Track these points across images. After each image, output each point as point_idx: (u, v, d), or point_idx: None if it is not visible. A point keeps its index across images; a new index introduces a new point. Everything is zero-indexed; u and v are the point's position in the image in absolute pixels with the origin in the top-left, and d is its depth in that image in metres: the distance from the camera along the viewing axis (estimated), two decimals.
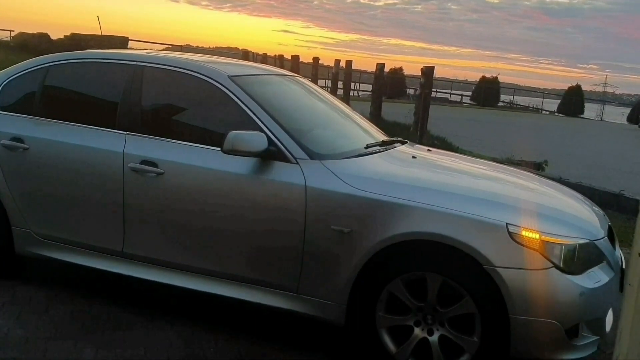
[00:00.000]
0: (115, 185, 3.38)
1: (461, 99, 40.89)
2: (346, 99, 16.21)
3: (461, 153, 7.65)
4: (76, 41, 25.79)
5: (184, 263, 3.30)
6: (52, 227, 3.63)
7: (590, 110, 39.93)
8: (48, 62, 3.83)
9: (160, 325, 3.34)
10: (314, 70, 20.62)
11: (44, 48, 22.68)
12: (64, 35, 28.25)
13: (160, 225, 3.33)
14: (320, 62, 21.47)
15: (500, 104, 39.92)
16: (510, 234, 2.73)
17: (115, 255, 3.47)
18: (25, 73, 3.85)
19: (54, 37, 28.24)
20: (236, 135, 3.03)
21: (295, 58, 21.61)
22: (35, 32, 28.73)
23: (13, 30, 31.14)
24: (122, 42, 28.11)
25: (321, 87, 5.69)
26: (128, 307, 3.54)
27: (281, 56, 26.67)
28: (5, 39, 29.82)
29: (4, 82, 3.87)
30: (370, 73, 21.81)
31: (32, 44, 26.70)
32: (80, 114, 3.63)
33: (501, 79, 41.83)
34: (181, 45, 35.67)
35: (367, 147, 3.52)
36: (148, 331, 3.26)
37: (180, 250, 3.31)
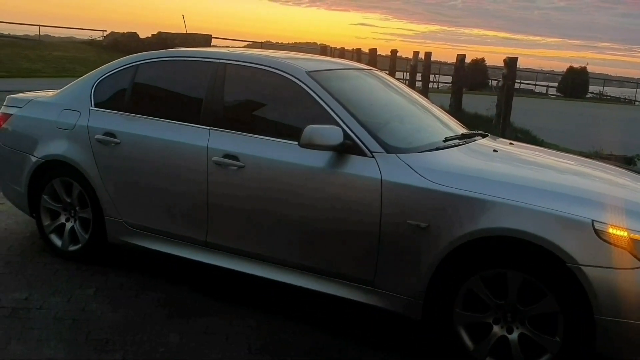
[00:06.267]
0: (199, 178, 3.52)
1: (547, 91, 39.21)
2: (425, 91, 15.97)
3: (546, 147, 7.36)
4: (162, 40, 26.95)
5: (262, 253, 3.40)
6: (141, 217, 3.83)
7: None
8: (137, 61, 4.04)
9: (241, 314, 3.45)
10: (391, 62, 20.42)
11: (133, 47, 23.86)
12: (152, 34, 29.59)
13: (241, 217, 3.44)
14: (398, 54, 21.23)
15: (589, 95, 37.92)
16: (596, 231, 2.62)
17: (199, 245, 3.62)
18: (117, 72, 4.08)
19: (142, 36, 29.66)
20: (313, 130, 3.07)
21: (373, 51, 21.47)
22: (125, 32, 30.27)
23: (105, 31, 32.97)
24: (206, 39, 29.08)
25: (399, 79, 5.65)
26: (211, 295, 3.68)
27: (359, 50, 26.59)
28: (98, 39, 31.61)
29: (98, 80, 4.12)
30: (451, 64, 21.34)
31: (122, 43, 28.15)
32: (167, 110, 3.80)
33: (590, 68, 39.70)
34: (261, 42, 36.45)
35: (446, 140, 3.47)
36: (230, 319, 3.38)
37: (259, 241, 3.40)
